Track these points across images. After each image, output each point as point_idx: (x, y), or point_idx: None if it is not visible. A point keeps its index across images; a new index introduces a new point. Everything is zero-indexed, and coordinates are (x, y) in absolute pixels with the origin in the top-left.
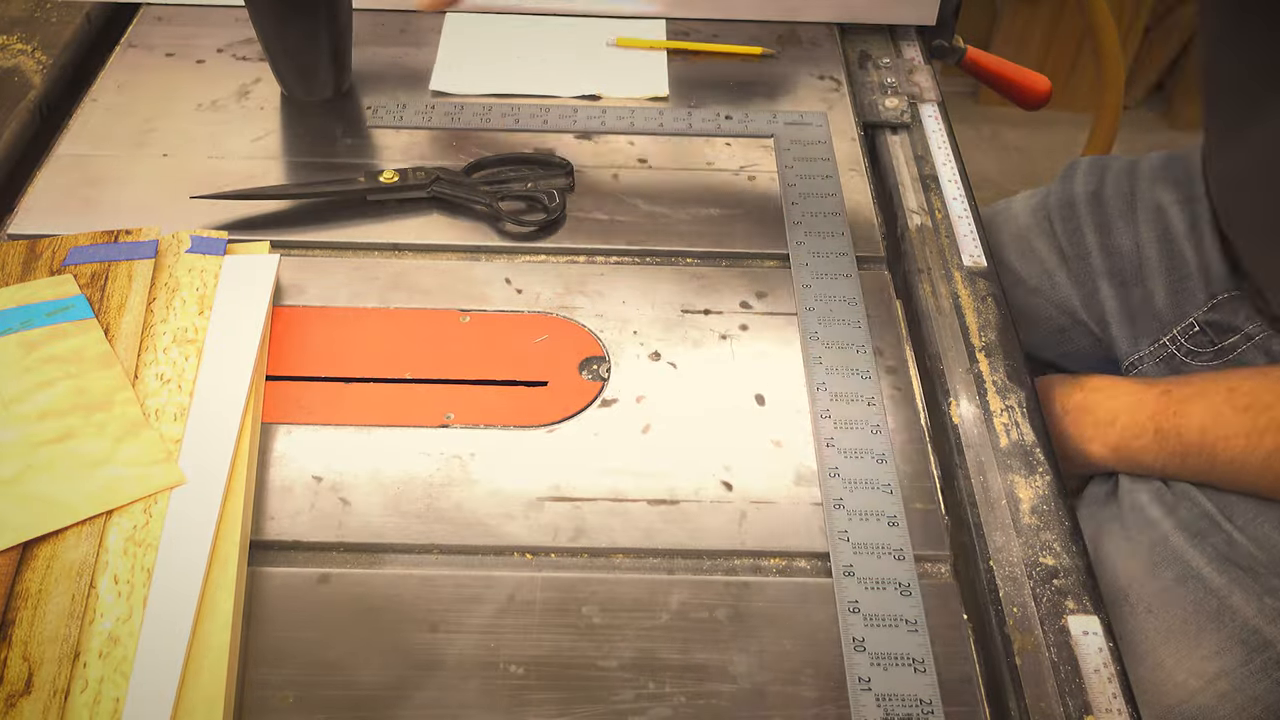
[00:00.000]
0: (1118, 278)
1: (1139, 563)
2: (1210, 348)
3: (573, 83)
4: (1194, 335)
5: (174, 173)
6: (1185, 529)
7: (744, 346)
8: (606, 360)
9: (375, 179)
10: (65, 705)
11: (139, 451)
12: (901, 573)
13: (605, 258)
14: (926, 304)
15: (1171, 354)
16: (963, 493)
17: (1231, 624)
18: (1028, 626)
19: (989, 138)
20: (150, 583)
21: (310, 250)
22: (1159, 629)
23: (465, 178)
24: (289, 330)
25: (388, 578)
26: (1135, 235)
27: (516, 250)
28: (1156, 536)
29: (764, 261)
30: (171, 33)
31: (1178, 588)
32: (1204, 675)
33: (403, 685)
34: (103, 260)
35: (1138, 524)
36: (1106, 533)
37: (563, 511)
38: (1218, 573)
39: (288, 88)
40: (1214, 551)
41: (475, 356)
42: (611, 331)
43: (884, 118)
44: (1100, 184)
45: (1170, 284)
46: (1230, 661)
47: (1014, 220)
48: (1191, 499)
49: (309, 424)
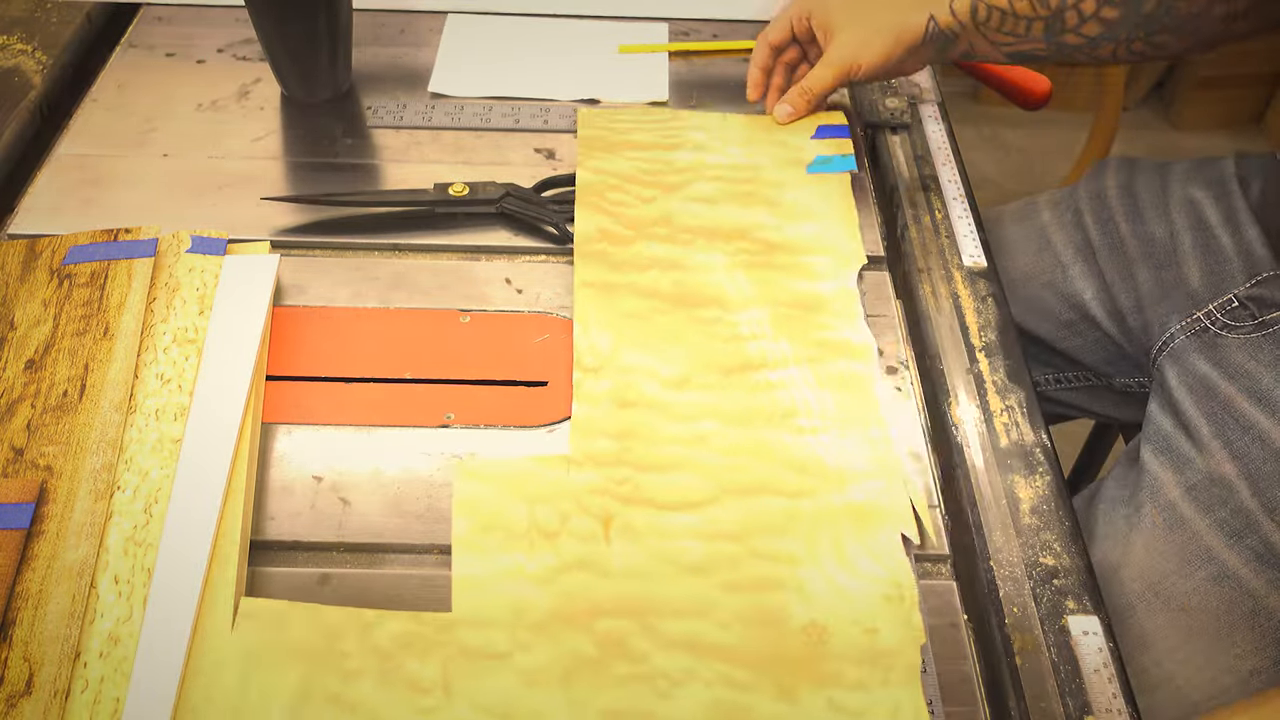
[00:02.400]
0: (1151, 261)
1: (1170, 562)
2: (1251, 321)
3: (572, 85)
4: (1232, 310)
5: (174, 173)
6: (1222, 528)
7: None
8: None
9: (444, 191)
10: (65, 705)
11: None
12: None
13: None
14: (926, 304)
15: (1205, 328)
16: (963, 493)
17: (1268, 624)
18: (1028, 626)
19: (989, 138)
20: (150, 583)
21: (310, 250)
22: (1191, 626)
23: (535, 195)
24: (289, 330)
25: (388, 578)
26: (1169, 225)
27: (516, 250)
28: (1189, 535)
29: None
30: (171, 33)
31: (1213, 586)
32: (1237, 673)
33: None
34: (102, 259)
35: (1168, 522)
36: (1133, 529)
37: None
38: (1255, 574)
39: (288, 88)
40: (1251, 553)
41: (475, 356)
42: None
43: (884, 118)
44: (1131, 179)
45: (1206, 266)
46: (1265, 660)
47: (1037, 216)
48: (1234, 493)
49: (309, 424)
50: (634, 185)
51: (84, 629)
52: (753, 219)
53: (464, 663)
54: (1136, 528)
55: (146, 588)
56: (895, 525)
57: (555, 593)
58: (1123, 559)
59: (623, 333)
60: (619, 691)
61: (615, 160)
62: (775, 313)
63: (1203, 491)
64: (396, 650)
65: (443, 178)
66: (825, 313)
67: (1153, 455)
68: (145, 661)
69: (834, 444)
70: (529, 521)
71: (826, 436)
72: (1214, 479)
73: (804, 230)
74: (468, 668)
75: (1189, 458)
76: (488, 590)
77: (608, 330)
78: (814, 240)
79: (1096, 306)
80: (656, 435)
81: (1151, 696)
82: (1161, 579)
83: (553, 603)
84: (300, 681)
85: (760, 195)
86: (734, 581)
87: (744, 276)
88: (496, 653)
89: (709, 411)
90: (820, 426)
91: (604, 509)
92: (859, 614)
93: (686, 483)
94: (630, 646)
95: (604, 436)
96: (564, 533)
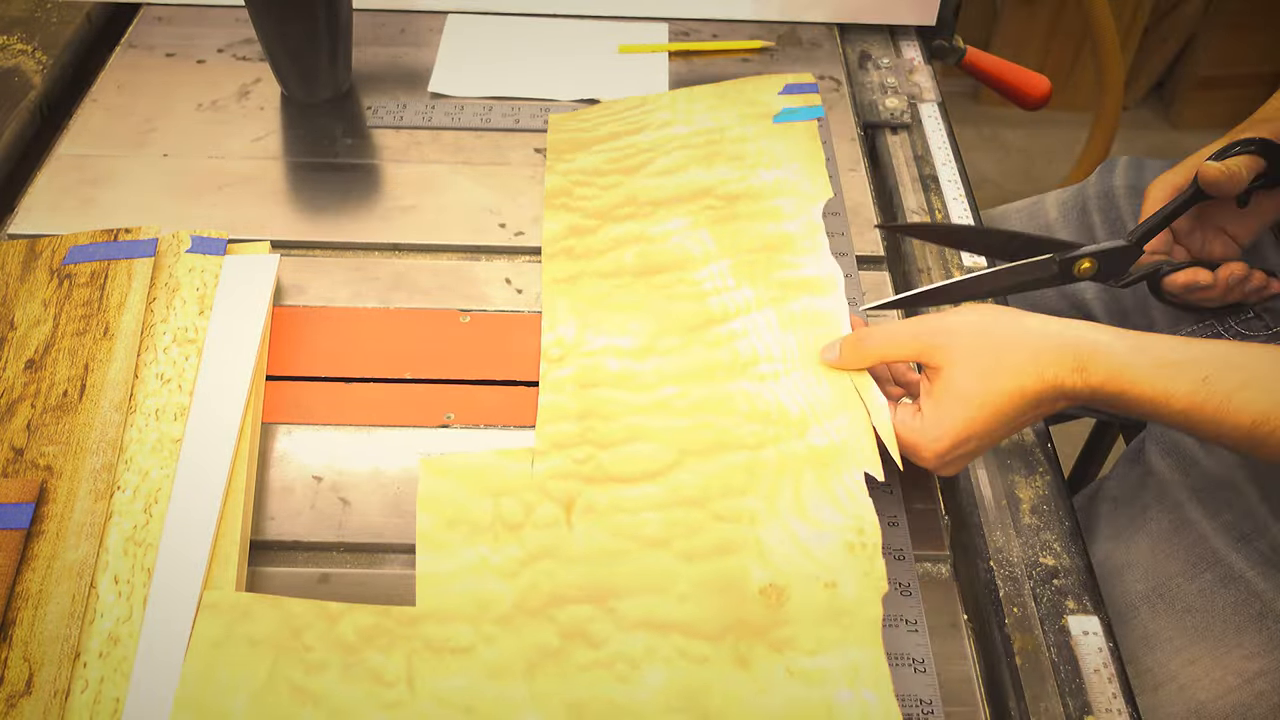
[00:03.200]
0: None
1: (1177, 563)
2: (1265, 333)
3: (572, 85)
4: (1247, 320)
5: (174, 173)
6: (1228, 532)
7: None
8: None
9: (1070, 268)
10: (65, 705)
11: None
12: (901, 572)
13: None
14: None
15: (1218, 333)
16: (963, 493)
17: (1276, 625)
18: (1028, 626)
19: (989, 138)
20: (150, 583)
21: (310, 250)
22: (1196, 626)
23: (1138, 249)
24: (289, 330)
25: (388, 578)
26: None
27: (516, 250)
28: (1195, 537)
29: None
30: (171, 33)
31: (1220, 589)
32: (1243, 674)
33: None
34: (102, 259)
35: (1175, 523)
36: (1139, 529)
37: None
38: (1262, 577)
39: (288, 88)
40: (1259, 556)
41: (475, 356)
42: None
43: (884, 118)
44: (1139, 179)
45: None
46: (1273, 660)
47: (1044, 214)
48: (1242, 495)
49: (309, 424)
50: (599, 177)
51: (84, 629)
52: (716, 177)
53: (428, 656)
54: (1142, 529)
55: (146, 588)
56: (858, 465)
57: (519, 585)
58: (1127, 559)
59: (586, 318)
60: (580, 679)
61: (584, 157)
62: (737, 262)
63: (1210, 494)
64: (360, 644)
65: (443, 177)
66: (789, 251)
67: (1159, 456)
68: (145, 661)
69: (796, 386)
70: (493, 514)
71: (789, 380)
72: (1222, 481)
73: (766, 177)
74: (432, 661)
75: (1196, 459)
76: (453, 585)
77: (572, 318)
78: (777, 185)
79: (1099, 307)
80: (618, 409)
81: (1155, 696)
82: (1167, 580)
83: (517, 595)
84: (265, 673)
85: (724, 153)
86: (693, 550)
87: (707, 233)
88: (460, 647)
89: (671, 376)
90: (782, 371)
91: (566, 492)
92: (819, 568)
93: (648, 452)
94: (591, 633)
95: (566, 420)
96: (528, 524)
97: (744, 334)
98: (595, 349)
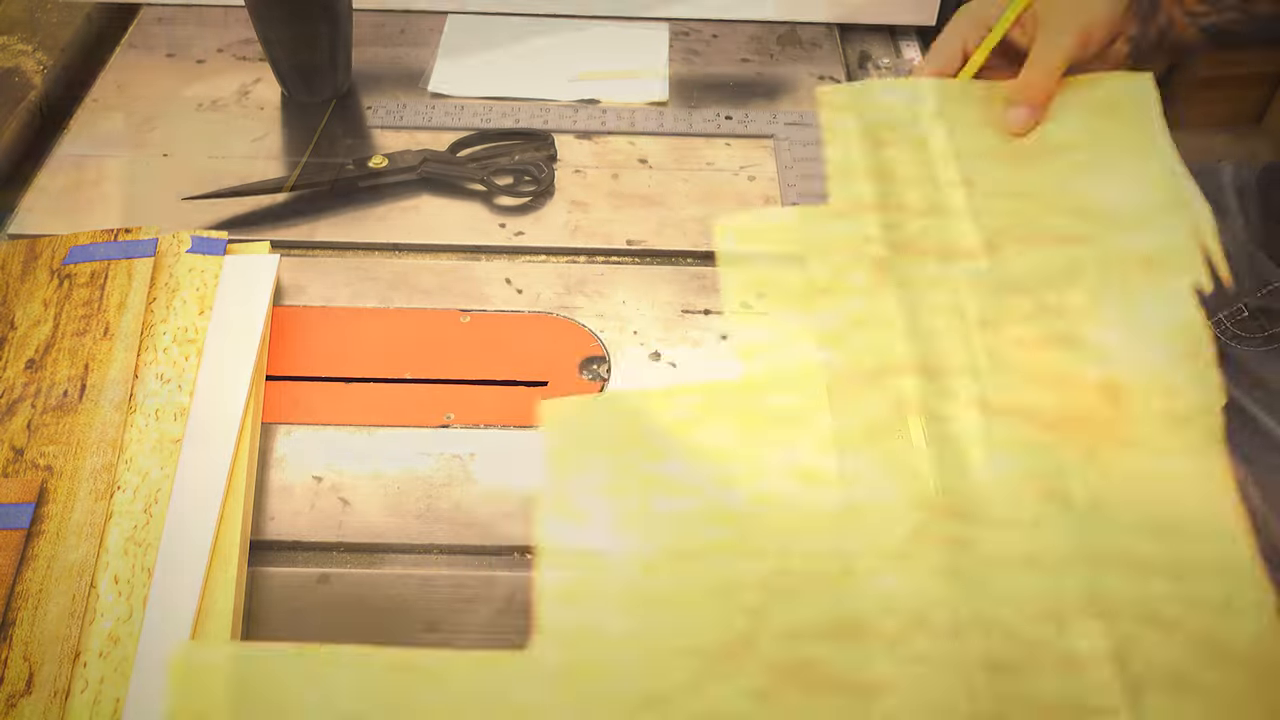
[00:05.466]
0: None
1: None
2: (1260, 334)
3: (572, 86)
4: (1242, 320)
5: (174, 173)
6: None
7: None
8: (606, 360)
9: (364, 165)
10: (65, 705)
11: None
12: None
13: (605, 258)
14: None
15: (1215, 336)
16: None
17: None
18: None
19: None
20: (150, 583)
21: (310, 250)
22: None
23: (452, 156)
24: (289, 330)
25: (388, 578)
26: None
27: (516, 250)
28: None
29: None
30: (171, 33)
31: None
32: None
33: None
34: (102, 259)
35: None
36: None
37: None
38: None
39: (288, 88)
40: (1260, 556)
41: (475, 356)
42: (611, 332)
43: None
44: None
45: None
46: None
47: None
48: (1244, 497)
49: (309, 424)
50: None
51: (84, 629)
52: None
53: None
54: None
55: (146, 588)
56: (1186, 273)
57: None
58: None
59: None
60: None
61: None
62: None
63: None
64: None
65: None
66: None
67: None
68: (145, 661)
69: (1109, 181)
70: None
71: (1101, 174)
72: None
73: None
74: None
75: None
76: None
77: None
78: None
79: None
80: (921, 178)
81: None
82: None
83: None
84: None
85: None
86: (1022, 337)
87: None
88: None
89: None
90: (1094, 162)
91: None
92: (1156, 372)
93: (958, 227)
94: (931, 408)
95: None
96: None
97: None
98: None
